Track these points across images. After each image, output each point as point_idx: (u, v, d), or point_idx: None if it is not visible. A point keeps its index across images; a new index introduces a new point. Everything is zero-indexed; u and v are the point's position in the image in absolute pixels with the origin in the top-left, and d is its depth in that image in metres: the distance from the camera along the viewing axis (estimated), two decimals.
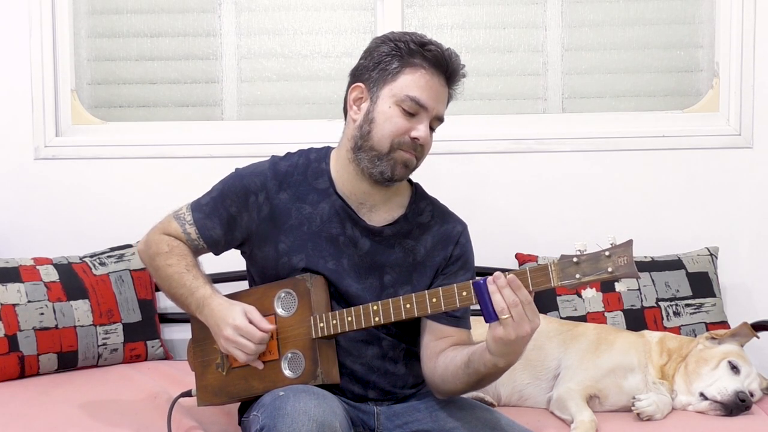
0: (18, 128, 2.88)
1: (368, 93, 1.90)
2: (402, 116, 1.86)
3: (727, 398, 2.23)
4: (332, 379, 1.85)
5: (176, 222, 1.99)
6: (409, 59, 1.87)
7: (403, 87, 1.86)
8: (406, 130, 1.86)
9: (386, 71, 1.88)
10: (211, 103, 3.01)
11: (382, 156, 1.87)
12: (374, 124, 1.87)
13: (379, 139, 1.87)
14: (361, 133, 1.89)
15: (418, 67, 1.86)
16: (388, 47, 1.89)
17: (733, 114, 2.89)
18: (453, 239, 1.99)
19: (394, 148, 1.86)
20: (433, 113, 1.88)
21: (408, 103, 1.85)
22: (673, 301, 2.65)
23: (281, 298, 1.89)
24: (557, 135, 2.90)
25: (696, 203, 2.89)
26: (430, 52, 1.87)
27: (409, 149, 1.87)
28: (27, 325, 2.48)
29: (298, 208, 1.93)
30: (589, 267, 1.63)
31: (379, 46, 1.90)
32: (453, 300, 1.74)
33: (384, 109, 1.87)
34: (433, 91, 1.87)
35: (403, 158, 1.87)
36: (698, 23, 2.96)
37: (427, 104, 1.86)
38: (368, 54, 1.92)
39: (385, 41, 1.91)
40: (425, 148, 1.90)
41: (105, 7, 2.98)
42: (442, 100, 1.90)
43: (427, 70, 1.87)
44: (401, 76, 1.87)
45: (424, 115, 1.87)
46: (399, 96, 1.86)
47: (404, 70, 1.87)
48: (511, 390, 2.37)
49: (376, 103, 1.88)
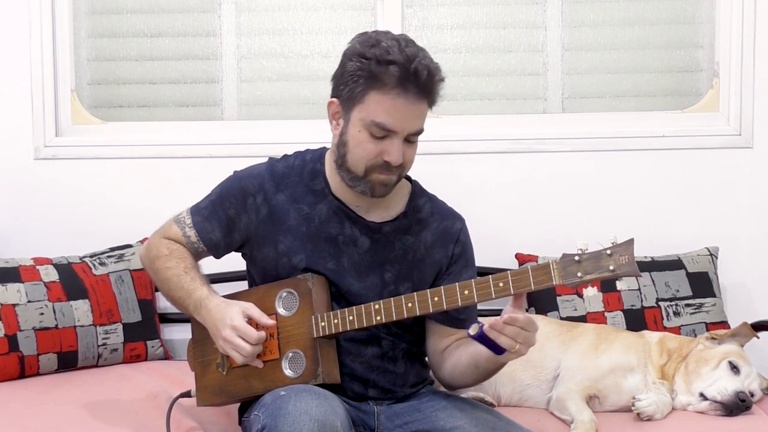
0: (18, 128, 2.88)
1: (342, 111, 1.86)
2: (372, 140, 1.81)
3: (727, 398, 2.23)
4: (333, 379, 1.85)
5: (176, 226, 2.00)
6: (373, 81, 1.78)
7: (369, 111, 1.79)
8: (378, 153, 1.82)
9: (353, 92, 1.81)
10: (211, 103, 3.01)
11: (359, 178, 1.85)
12: (347, 147, 1.85)
13: (354, 164, 1.85)
14: (339, 153, 1.87)
15: (382, 89, 1.78)
16: (355, 65, 1.80)
17: (733, 114, 2.89)
18: (453, 237, 1.99)
19: (369, 171, 1.84)
20: (404, 133, 1.81)
21: (375, 129, 1.80)
22: (673, 301, 2.65)
23: (282, 298, 1.89)
24: (557, 135, 2.90)
25: (696, 203, 2.89)
26: (391, 75, 1.76)
27: (384, 171, 1.84)
28: (27, 325, 2.48)
29: (296, 208, 1.93)
30: (591, 265, 1.64)
31: (350, 60, 1.82)
32: (455, 299, 1.74)
33: (354, 133, 1.83)
34: (400, 113, 1.79)
35: (379, 180, 1.85)
36: (698, 23, 2.96)
37: (395, 128, 1.79)
38: (341, 66, 1.85)
39: (354, 55, 1.81)
40: (405, 163, 1.86)
41: (105, 7, 2.98)
42: (413, 116, 1.81)
43: (392, 92, 1.77)
44: (367, 99, 1.79)
45: (394, 137, 1.81)
46: (366, 120, 1.80)
47: (369, 93, 1.79)
48: (511, 390, 2.37)
49: (348, 125, 1.84)
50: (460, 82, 2.98)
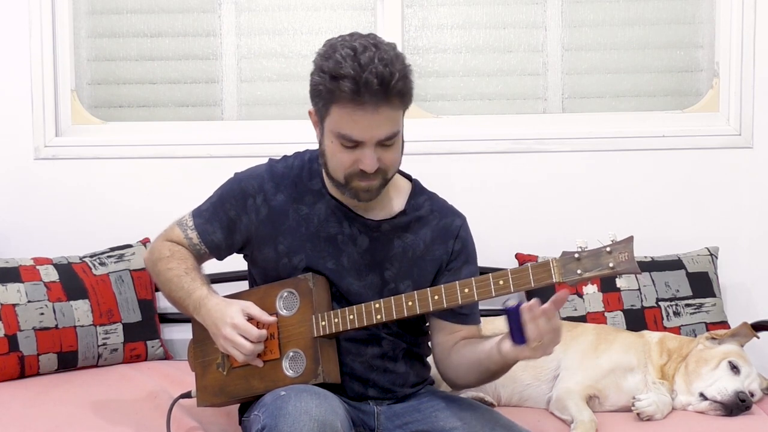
0: (18, 128, 2.88)
1: (318, 121, 1.86)
2: (344, 151, 1.80)
3: (727, 398, 2.23)
4: (333, 378, 1.85)
5: (179, 228, 2.01)
6: (331, 96, 1.76)
7: (335, 124, 1.78)
8: (353, 162, 1.81)
9: (319, 106, 1.82)
10: (211, 103, 3.01)
11: (342, 185, 1.86)
12: (326, 157, 1.85)
13: (333, 172, 1.85)
14: (321, 162, 1.89)
15: (340, 102, 1.75)
16: (315, 79, 1.79)
17: (733, 114, 2.89)
18: (453, 233, 1.99)
19: (348, 179, 1.84)
20: (372, 142, 1.78)
21: (343, 140, 1.79)
22: (673, 301, 2.65)
23: (283, 298, 1.89)
24: (557, 135, 2.90)
25: (696, 203, 2.89)
26: (342, 90, 1.73)
27: (363, 178, 1.82)
28: (27, 325, 2.48)
29: (295, 209, 1.94)
30: (591, 263, 1.65)
31: (313, 74, 1.81)
32: (455, 297, 1.75)
33: (328, 143, 1.83)
34: (362, 124, 1.76)
35: (360, 187, 1.84)
36: (698, 23, 2.96)
37: (361, 138, 1.77)
38: (310, 78, 1.83)
39: (315, 69, 1.80)
40: (387, 166, 1.83)
41: (105, 7, 2.98)
42: (377, 125, 1.77)
43: (350, 104, 1.75)
44: (330, 113, 1.79)
45: (364, 146, 1.78)
46: (334, 132, 1.79)
47: (331, 107, 1.78)
48: (511, 390, 2.37)
49: (323, 135, 1.85)
50: (460, 82, 2.98)
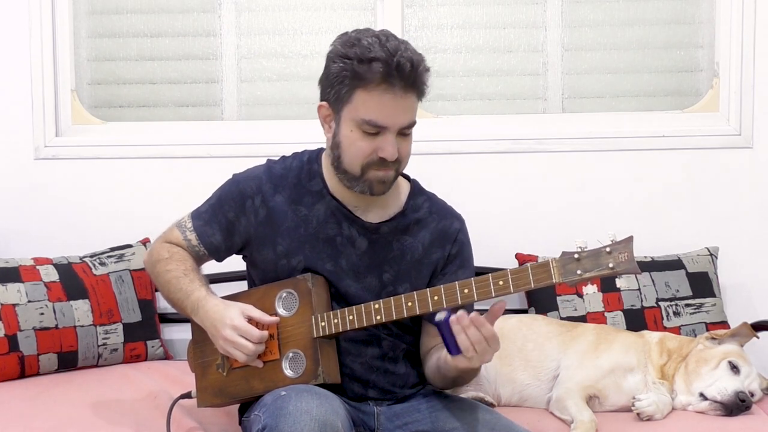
0: (18, 128, 2.88)
1: (332, 113, 1.86)
2: (365, 138, 1.81)
3: (727, 398, 2.23)
4: (333, 379, 1.85)
5: (178, 230, 2.01)
6: (357, 81, 1.78)
7: (358, 110, 1.79)
8: (372, 150, 1.82)
9: (340, 93, 1.81)
10: (211, 103, 3.01)
11: (356, 178, 1.85)
12: (341, 149, 1.85)
13: (349, 164, 1.85)
14: (334, 155, 1.88)
15: (367, 87, 1.78)
16: (338, 66, 1.80)
17: (733, 114, 2.89)
18: (450, 237, 1.99)
19: (365, 170, 1.84)
20: (396, 128, 1.81)
21: (366, 126, 1.80)
22: (673, 301, 2.65)
23: (282, 298, 1.89)
24: (557, 135, 2.90)
25: (696, 203, 2.89)
26: (374, 71, 1.76)
27: (380, 167, 1.83)
28: (27, 325, 2.48)
29: (294, 210, 1.94)
30: (590, 263, 1.65)
31: (333, 62, 1.82)
32: (455, 297, 1.75)
33: (347, 133, 1.83)
34: (389, 108, 1.79)
35: (377, 177, 1.85)
36: (698, 23, 2.96)
37: (386, 123, 1.79)
38: (326, 69, 1.85)
39: (336, 57, 1.81)
40: (402, 158, 1.86)
41: (105, 7, 2.98)
42: (403, 110, 1.81)
43: (377, 89, 1.77)
44: (354, 98, 1.79)
45: (387, 132, 1.81)
46: (356, 119, 1.80)
47: (356, 92, 1.79)
48: (511, 390, 2.37)
49: (339, 126, 1.84)
50: (460, 82, 2.98)
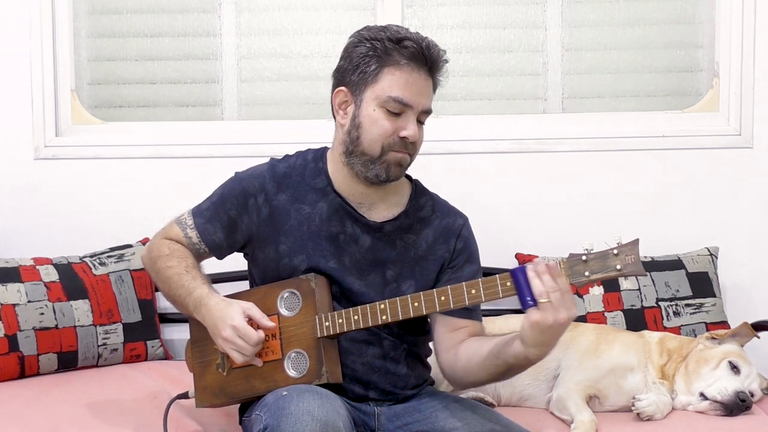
0: (18, 128, 2.88)
1: (352, 96, 1.88)
2: (388, 118, 1.84)
3: (727, 398, 2.23)
4: (336, 379, 1.85)
5: (178, 227, 2.00)
6: (387, 58, 1.84)
7: (384, 88, 1.84)
8: (395, 130, 1.85)
9: (366, 73, 1.85)
10: (211, 103, 3.01)
11: (374, 160, 1.86)
12: (362, 129, 1.86)
13: (369, 144, 1.86)
14: (351, 138, 1.88)
15: (396, 65, 1.83)
16: (365, 48, 1.85)
17: (733, 114, 2.89)
18: (454, 232, 1.99)
19: (386, 150, 1.86)
20: (419, 108, 1.86)
21: (392, 104, 1.83)
22: (673, 301, 2.65)
23: (284, 298, 1.88)
24: (557, 135, 2.90)
25: (696, 203, 2.89)
26: (406, 48, 1.83)
27: (400, 149, 1.86)
28: (27, 325, 2.48)
29: (297, 208, 1.94)
30: (598, 265, 1.66)
31: (357, 47, 1.87)
32: (462, 298, 1.74)
33: (369, 112, 1.85)
34: (415, 87, 1.84)
35: (395, 159, 1.87)
36: (698, 23, 2.97)
37: (411, 102, 1.84)
38: (347, 55, 1.90)
39: (361, 41, 1.87)
40: (417, 144, 1.90)
41: (105, 7, 2.98)
42: (426, 93, 1.87)
43: (406, 67, 1.83)
44: (381, 77, 1.84)
45: (410, 113, 1.85)
46: (382, 98, 1.84)
47: (383, 71, 1.84)
48: (511, 391, 2.37)
49: (360, 107, 1.87)
50: (460, 82, 2.98)
